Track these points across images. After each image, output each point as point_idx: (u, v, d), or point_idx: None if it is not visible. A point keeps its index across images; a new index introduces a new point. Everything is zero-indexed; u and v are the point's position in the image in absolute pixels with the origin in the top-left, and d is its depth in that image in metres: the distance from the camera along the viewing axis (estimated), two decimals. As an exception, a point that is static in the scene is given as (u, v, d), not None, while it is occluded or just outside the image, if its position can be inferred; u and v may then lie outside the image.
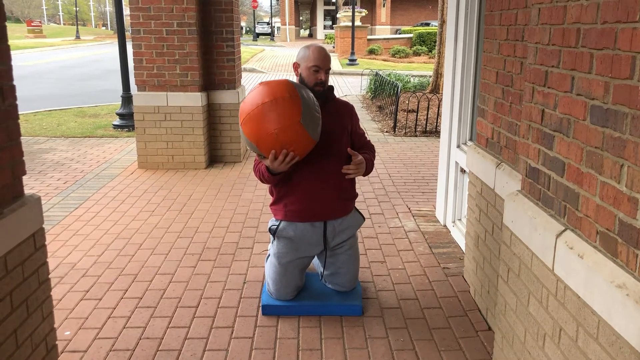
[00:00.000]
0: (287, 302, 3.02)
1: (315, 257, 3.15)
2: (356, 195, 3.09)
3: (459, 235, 3.97)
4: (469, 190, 3.33)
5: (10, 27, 21.54)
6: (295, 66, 2.94)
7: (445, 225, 4.34)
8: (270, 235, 3.04)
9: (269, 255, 3.07)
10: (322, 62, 2.84)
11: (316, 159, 2.85)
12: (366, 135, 3.17)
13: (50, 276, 2.31)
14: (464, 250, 3.69)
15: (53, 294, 2.85)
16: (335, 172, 2.90)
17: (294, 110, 2.56)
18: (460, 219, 4.16)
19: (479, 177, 3.09)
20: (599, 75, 1.62)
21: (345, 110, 3.02)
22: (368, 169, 2.95)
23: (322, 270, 3.14)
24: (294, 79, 2.95)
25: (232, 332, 2.84)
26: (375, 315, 3.00)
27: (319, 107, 2.74)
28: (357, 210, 3.12)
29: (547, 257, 1.90)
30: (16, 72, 2.10)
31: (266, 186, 3.13)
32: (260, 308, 3.04)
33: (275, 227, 2.97)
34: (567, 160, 1.82)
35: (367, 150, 3.06)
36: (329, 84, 2.98)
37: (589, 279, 1.63)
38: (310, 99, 2.66)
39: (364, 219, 3.14)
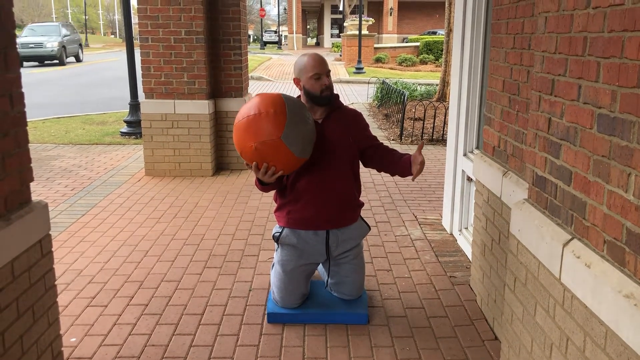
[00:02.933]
0: (292, 310, 3.01)
1: (321, 264, 3.15)
2: (362, 204, 3.08)
3: (466, 243, 3.95)
4: (476, 198, 3.32)
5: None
6: (296, 82, 2.92)
7: (451, 234, 4.32)
8: (275, 243, 3.04)
9: (274, 263, 3.07)
10: (320, 68, 2.84)
11: (321, 167, 2.85)
12: (376, 137, 3.15)
13: (56, 282, 2.32)
14: (470, 259, 3.67)
15: (59, 300, 2.86)
16: (340, 180, 2.90)
17: (276, 126, 2.55)
18: (466, 228, 4.14)
19: (486, 186, 3.08)
20: (606, 84, 1.61)
21: (352, 118, 3.02)
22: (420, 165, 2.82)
23: (327, 279, 3.13)
24: (298, 91, 2.96)
25: (238, 340, 2.84)
26: (381, 324, 2.99)
27: (312, 122, 2.72)
28: (363, 219, 3.11)
29: (554, 266, 1.89)
30: (25, 79, 2.12)
31: (272, 193, 3.13)
32: (266, 316, 3.04)
33: (279, 234, 2.98)
34: (574, 169, 1.81)
35: (390, 150, 3.06)
36: (335, 92, 2.98)
37: (597, 288, 1.62)
38: (300, 116, 2.64)
39: (369, 228, 3.13)
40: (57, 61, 24.47)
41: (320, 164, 2.85)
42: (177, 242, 4.17)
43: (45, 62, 24.46)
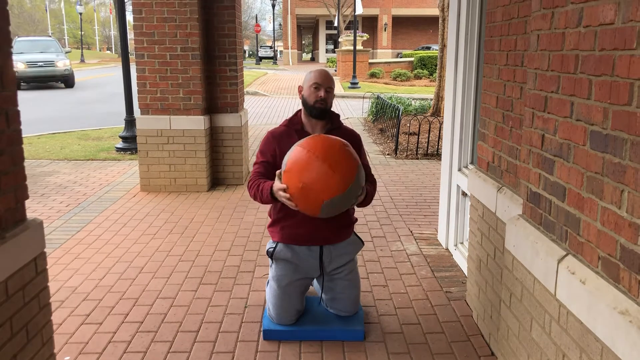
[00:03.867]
0: (288, 327, 3.00)
1: (315, 280, 3.14)
2: (355, 220, 3.09)
3: (461, 258, 3.95)
4: (471, 213, 3.33)
5: None
6: (300, 89, 2.98)
7: (447, 249, 4.32)
8: (269, 259, 3.03)
9: (269, 279, 3.06)
10: (321, 80, 2.87)
11: None
12: (370, 166, 3.13)
13: (50, 300, 2.30)
14: (466, 274, 3.67)
15: (53, 318, 2.84)
16: None
17: (331, 191, 2.55)
18: (462, 242, 4.15)
19: (481, 201, 3.09)
20: (598, 101, 1.63)
21: (349, 139, 3.02)
22: (366, 200, 2.90)
23: (321, 294, 3.13)
24: (298, 102, 2.99)
25: (233, 358, 2.82)
26: (377, 341, 2.98)
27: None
28: (357, 235, 3.11)
29: (549, 282, 1.89)
30: (20, 96, 2.12)
31: (267, 208, 3.13)
32: (262, 333, 3.02)
33: (273, 249, 2.98)
34: (568, 185, 1.83)
35: (368, 183, 3.01)
36: (335, 112, 3.00)
37: (592, 304, 1.62)
38: (352, 192, 2.63)
39: (363, 243, 3.13)
40: (64, 84, 20.62)
41: None
42: (173, 258, 4.15)
43: (50, 83, 20.55)
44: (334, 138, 2.69)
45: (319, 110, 2.88)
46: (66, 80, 20.46)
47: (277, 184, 2.68)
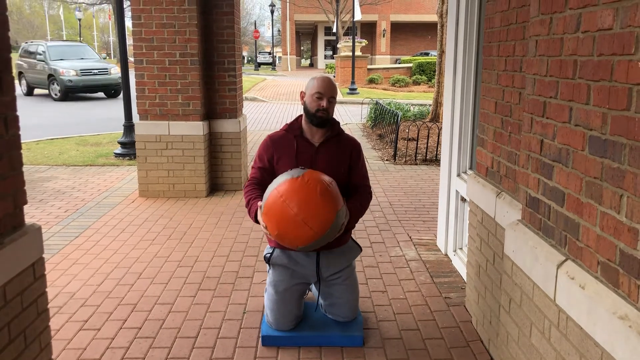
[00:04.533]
0: (287, 333, 2.99)
1: (313, 286, 3.14)
2: (352, 226, 3.09)
3: (460, 264, 3.95)
4: (470, 219, 3.33)
5: (15, 57, 20.92)
6: (302, 95, 2.98)
7: (446, 254, 4.32)
8: (267, 264, 3.03)
9: (267, 285, 3.06)
10: (324, 89, 2.87)
11: None
12: (367, 173, 3.10)
13: (49, 306, 2.29)
14: (465, 280, 3.67)
15: (51, 324, 2.82)
16: None
17: (304, 239, 2.61)
18: (461, 248, 4.14)
19: (480, 206, 3.09)
20: (597, 107, 1.63)
21: (348, 147, 3.01)
22: (350, 223, 2.87)
23: (318, 299, 3.12)
24: (296, 107, 2.99)
25: (232, 363, 2.81)
26: (377, 346, 2.97)
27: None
28: (354, 240, 3.11)
29: (549, 287, 1.89)
30: (19, 101, 2.12)
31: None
32: (260, 339, 3.01)
33: (270, 254, 2.98)
34: (567, 190, 1.83)
35: (358, 196, 2.98)
36: (335, 119, 3.00)
37: (591, 310, 1.62)
38: (330, 236, 2.68)
39: (360, 249, 3.13)
40: (114, 93, 19.08)
41: None
42: (171, 264, 4.14)
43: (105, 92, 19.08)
44: (316, 181, 2.62)
45: (319, 119, 2.88)
46: (116, 90, 18.80)
47: (260, 218, 2.74)
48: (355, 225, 3.06)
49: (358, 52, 24.10)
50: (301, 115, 3.00)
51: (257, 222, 2.81)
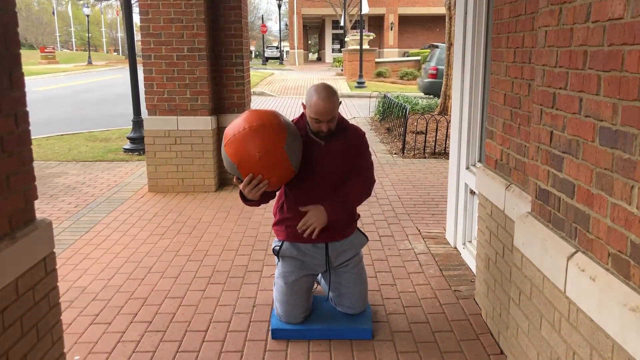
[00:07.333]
0: (296, 326, 3.00)
1: (322, 278, 3.15)
2: (358, 216, 3.11)
3: (470, 257, 3.94)
4: (479, 212, 3.32)
5: (25, 53, 21.15)
6: (303, 106, 2.93)
7: (455, 247, 4.31)
8: (275, 257, 3.05)
9: (276, 277, 3.07)
10: (322, 116, 2.77)
11: (319, 182, 2.90)
12: (371, 161, 3.09)
13: (60, 300, 2.31)
14: (474, 273, 3.66)
15: (63, 318, 2.85)
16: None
17: (280, 136, 2.65)
18: (470, 241, 4.13)
19: (489, 199, 3.08)
20: (607, 97, 1.62)
21: (356, 141, 3.01)
22: (347, 203, 2.91)
23: (328, 292, 3.13)
24: (300, 107, 2.98)
25: (242, 357, 2.82)
26: (386, 339, 2.97)
27: (301, 139, 2.80)
28: (360, 230, 3.13)
29: (559, 279, 1.88)
30: (29, 97, 2.14)
31: (273, 208, 3.14)
32: (270, 332, 3.02)
33: (279, 247, 3.00)
34: (577, 181, 1.81)
35: (353, 179, 2.97)
36: (340, 115, 2.99)
37: (602, 301, 1.61)
38: (295, 131, 2.76)
39: (367, 239, 3.15)
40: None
41: (320, 179, 2.88)
42: (181, 258, 4.16)
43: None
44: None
45: (323, 135, 2.88)
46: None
47: (240, 185, 2.74)
48: (360, 216, 3.07)
49: (366, 46, 24.01)
50: (304, 114, 2.98)
51: (247, 200, 2.82)
